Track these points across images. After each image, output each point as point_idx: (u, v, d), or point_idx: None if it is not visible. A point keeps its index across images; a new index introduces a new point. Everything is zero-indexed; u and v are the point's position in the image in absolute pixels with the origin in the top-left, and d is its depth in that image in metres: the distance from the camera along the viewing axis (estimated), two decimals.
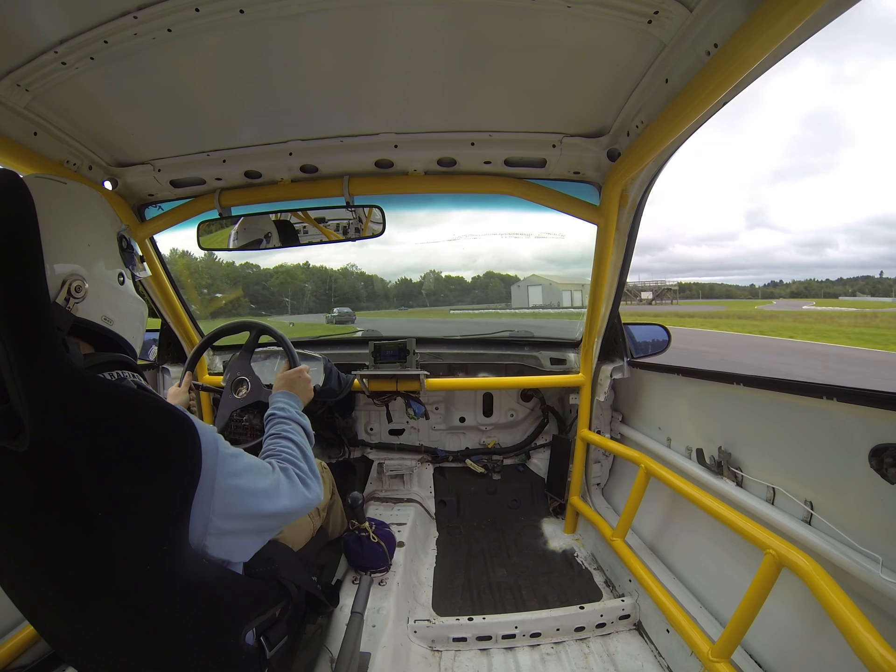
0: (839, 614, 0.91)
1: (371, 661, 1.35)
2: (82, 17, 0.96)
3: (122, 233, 0.91)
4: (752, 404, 1.47)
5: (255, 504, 0.82)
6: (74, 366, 0.68)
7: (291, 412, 1.14)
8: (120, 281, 0.87)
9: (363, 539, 1.67)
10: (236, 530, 0.82)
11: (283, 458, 0.97)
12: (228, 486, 0.78)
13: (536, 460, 2.72)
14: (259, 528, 0.87)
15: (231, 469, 0.79)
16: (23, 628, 1.40)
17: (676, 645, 1.46)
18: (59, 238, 0.76)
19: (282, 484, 0.89)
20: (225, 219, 1.79)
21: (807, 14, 0.73)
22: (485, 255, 3.44)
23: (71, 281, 0.74)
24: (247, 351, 1.73)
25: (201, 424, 0.76)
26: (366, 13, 1.00)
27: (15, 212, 0.66)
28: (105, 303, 0.82)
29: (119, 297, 0.87)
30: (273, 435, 1.06)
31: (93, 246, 0.82)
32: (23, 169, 1.28)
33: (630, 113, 1.34)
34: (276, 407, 1.16)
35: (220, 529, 0.78)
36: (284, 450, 1.00)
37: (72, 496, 0.68)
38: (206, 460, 0.74)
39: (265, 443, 1.04)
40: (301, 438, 1.07)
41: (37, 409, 0.65)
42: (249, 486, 0.82)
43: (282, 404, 1.17)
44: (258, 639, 0.97)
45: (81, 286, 0.75)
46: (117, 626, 0.78)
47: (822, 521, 1.18)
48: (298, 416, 1.15)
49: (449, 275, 8.38)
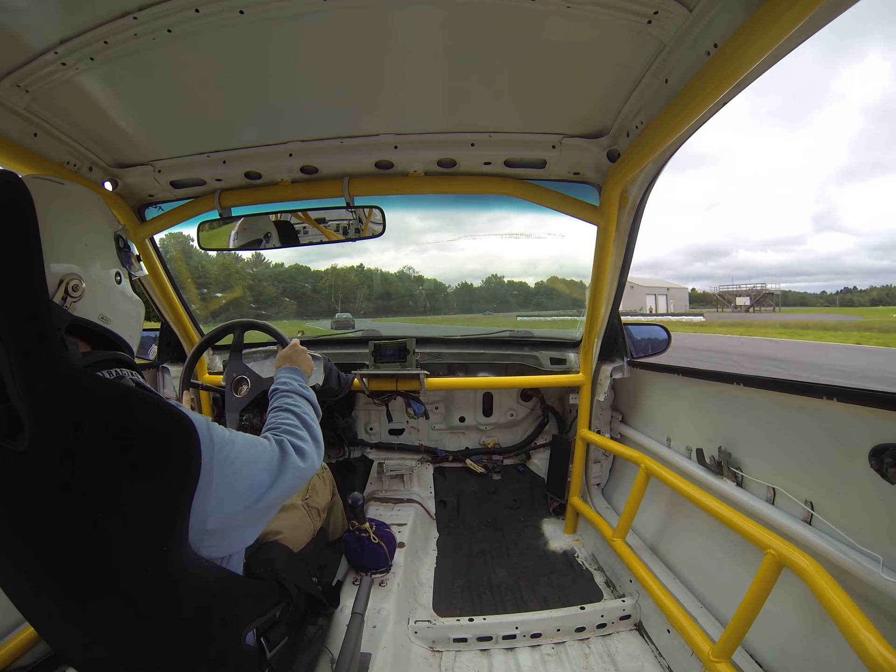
0: (840, 614, 0.91)
1: (372, 662, 1.35)
2: (82, 18, 0.96)
3: (119, 233, 0.91)
4: (752, 404, 1.47)
5: (250, 490, 0.82)
6: (73, 365, 0.68)
7: (294, 385, 1.15)
8: (117, 280, 0.88)
9: (364, 540, 1.67)
10: (235, 524, 0.82)
11: (281, 430, 0.97)
12: (226, 477, 0.77)
13: (536, 460, 2.72)
14: (258, 512, 0.85)
15: (227, 456, 0.78)
16: (23, 629, 1.40)
17: (677, 645, 1.46)
18: (57, 238, 0.76)
19: (274, 459, 0.88)
20: (225, 219, 1.79)
21: (806, 14, 0.73)
22: (546, 262, 3.39)
23: (68, 280, 0.74)
24: (236, 350, 1.74)
25: (196, 417, 0.76)
26: (366, 14, 1.00)
27: (15, 212, 0.66)
28: (102, 302, 0.82)
29: (115, 297, 0.87)
30: (275, 408, 1.06)
31: (90, 246, 0.82)
32: (22, 170, 1.28)
33: (630, 113, 1.34)
34: (279, 382, 1.17)
35: (219, 526, 0.78)
36: (284, 422, 1.00)
37: (71, 496, 0.68)
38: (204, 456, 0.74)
39: (268, 417, 1.05)
40: (302, 408, 1.07)
41: (36, 409, 0.65)
42: (245, 471, 0.81)
43: (285, 378, 1.18)
44: (258, 639, 0.97)
45: (78, 285, 0.75)
46: (117, 626, 0.78)
47: (822, 521, 1.18)
48: (302, 388, 1.16)
49: (511, 280, 8.22)
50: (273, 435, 0.94)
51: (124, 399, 0.71)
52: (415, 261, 18.19)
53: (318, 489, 1.50)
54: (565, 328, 2.67)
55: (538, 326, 3.53)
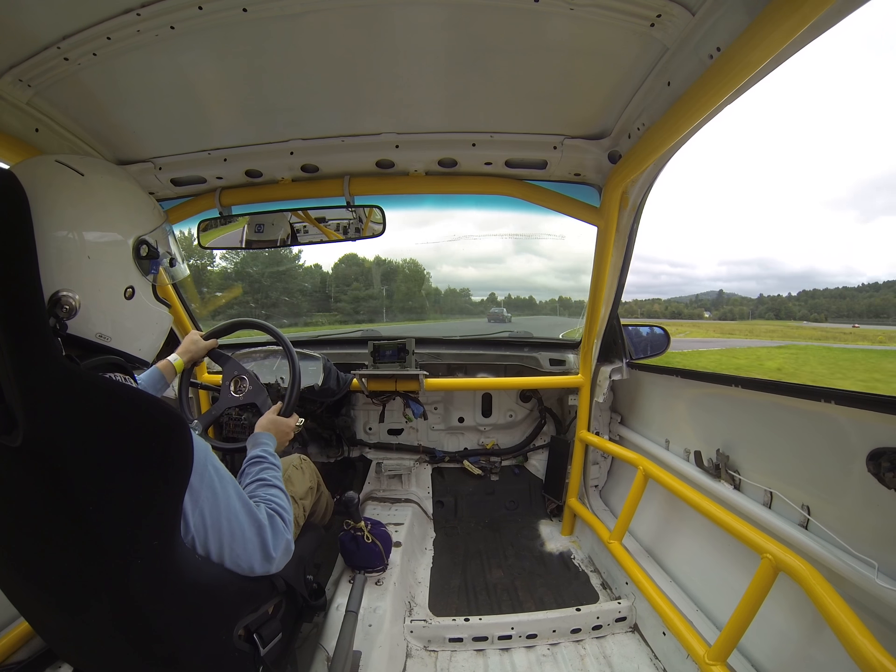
0: (835, 619, 0.91)
1: (365, 661, 1.35)
2: (85, 14, 0.96)
3: (146, 238, 0.83)
4: (751, 407, 1.47)
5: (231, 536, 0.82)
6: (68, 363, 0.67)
7: (277, 459, 1.14)
8: (127, 295, 0.82)
9: (359, 539, 1.67)
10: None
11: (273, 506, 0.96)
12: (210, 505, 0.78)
13: (535, 461, 2.72)
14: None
15: (214, 485, 0.79)
16: (18, 624, 1.40)
17: (673, 648, 1.46)
18: (59, 253, 0.71)
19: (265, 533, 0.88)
20: (225, 218, 1.79)
21: (811, 18, 0.73)
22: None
23: (58, 300, 0.71)
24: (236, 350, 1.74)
25: (198, 438, 0.76)
26: (368, 13, 1.00)
27: (8, 210, 0.63)
28: (101, 321, 0.78)
29: (122, 313, 0.82)
30: (264, 482, 1.04)
31: (94, 258, 0.76)
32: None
33: (632, 115, 1.34)
34: (265, 450, 1.15)
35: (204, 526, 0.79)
36: (275, 498, 0.99)
37: (64, 491, 0.68)
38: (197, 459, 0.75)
39: (251, 486, 1.03)
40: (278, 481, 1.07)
41: (30, 405, 0.64)
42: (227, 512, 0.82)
43: (271, 448, 1.17)
44: (251, 636, 0.97)
45: (71, 304, 0.72)
46: (110, 621, 0.78)
47: (818, 526, 1.18)
48: (277, 460, 1.15)
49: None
50: (266, 507, 0.94)
51: (116, 396, 0.70)
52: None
53: (293, 479, 1.50)
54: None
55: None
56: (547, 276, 21.55)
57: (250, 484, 1.03)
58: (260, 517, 0.88)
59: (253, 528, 0.86)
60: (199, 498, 0.76)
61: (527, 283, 21.65)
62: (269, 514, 0.92)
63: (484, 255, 27.15)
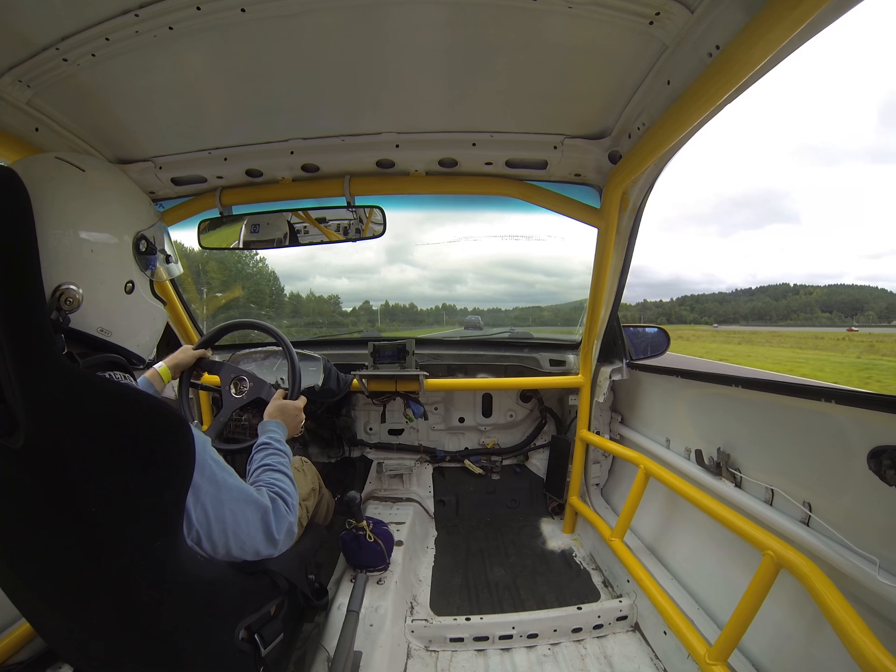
0: (836, 617, 0.91)
1: (367, 661, 1.35)
2: (84, 15, 0.96)
3: (144, 233, 0.85)
4: (751, 406, 1.47)
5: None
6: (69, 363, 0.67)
7: (284, 446, 1.14)
8: (127, 290, 0.83)
9: (360, 538, 1.67)
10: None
11: (275, 489, 0.97)
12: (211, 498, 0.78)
13: (535, 461, 2.72)
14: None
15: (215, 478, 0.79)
16: (20, 625, 1.40)
17: (673, 647, 1.46)
18: (58, 244, 0.72)
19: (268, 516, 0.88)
20: (225, 218, 1.79)
21: (809, 15, 0.73)
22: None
23: (61, 293, 0.71)
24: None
25: (197, 432, 0.77)
26: (367, 12, 1.00)
27: (10, 209, 0.63)
28: (102, 315, 0.79)
29: (122, 308, 0.82)
30: (268, 466, 1.05)
31: (96, 252, 0.77)
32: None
33: (632, 115, 1.34)
34: (270, 437, 1.15)
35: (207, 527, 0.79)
36: (278, 482, 1.00)
37: (65, 492, 0.68)
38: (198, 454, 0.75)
39: (256, 472, 1.03)
40: (287, 468, 1.07)
41: (31, 406, 0.64)
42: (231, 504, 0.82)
43: (278, 435, 1.17)
44: (253, 636, 0.97)
45: (74, 297, 0.72)
46: (112, 621, 0.78)
47: (819, 523, 1.18)
48: (285, 446, 1.15)
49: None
50: (268, 491, 0.94)
51: (117, 396, 0.70)
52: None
53: (295, 482, 1.50)
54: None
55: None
56: (421, 286, 21.46)
57: (256, 470, 1.04)
58: (262, 500, 0.89)
59: (256, 513, 0.86)
60: (201, 493, 0.76)
61: (404, 292, 21.42)
62: (272, 497, 0.92)
63: (357, 265, 26.19)
